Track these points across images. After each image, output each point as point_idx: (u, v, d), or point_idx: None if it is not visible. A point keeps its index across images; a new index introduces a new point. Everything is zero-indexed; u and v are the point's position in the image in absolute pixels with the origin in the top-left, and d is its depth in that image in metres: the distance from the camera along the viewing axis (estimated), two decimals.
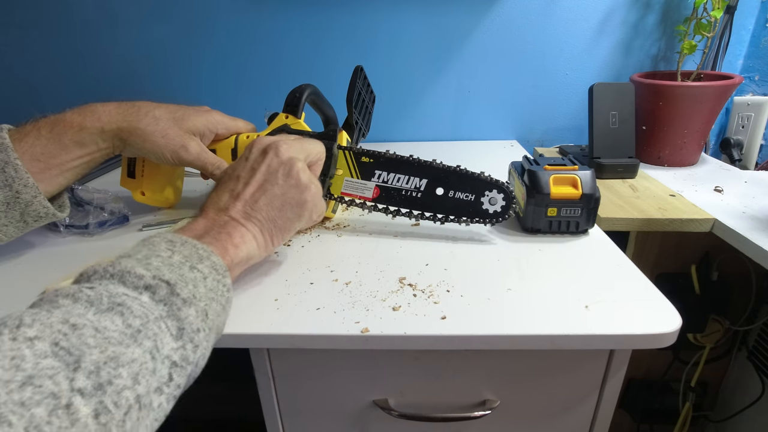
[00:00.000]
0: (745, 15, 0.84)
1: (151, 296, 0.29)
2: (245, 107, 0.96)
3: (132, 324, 0.27)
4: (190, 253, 0.33)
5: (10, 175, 0.43)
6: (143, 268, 0.29)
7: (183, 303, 0.29)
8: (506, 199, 0.50)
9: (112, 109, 0.49)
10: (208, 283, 0.32)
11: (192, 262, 0.32)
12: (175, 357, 0.28)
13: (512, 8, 0.87)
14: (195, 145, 0.51)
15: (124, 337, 0.26)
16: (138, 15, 0.90)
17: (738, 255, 0.57)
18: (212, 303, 0.32)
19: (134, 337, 0.26)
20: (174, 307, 0.29)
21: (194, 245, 0.33)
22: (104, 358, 0.24)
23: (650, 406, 0.84)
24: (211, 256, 0.34)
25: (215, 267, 0.33)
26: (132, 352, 0.25)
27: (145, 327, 0.27)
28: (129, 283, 0.29)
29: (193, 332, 0.29)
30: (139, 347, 0.26)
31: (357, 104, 0.57)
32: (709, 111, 0.76)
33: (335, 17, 0.88)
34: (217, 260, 0.34)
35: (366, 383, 0.44)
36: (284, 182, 0.41)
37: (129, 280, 0.29)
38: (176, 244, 0.33)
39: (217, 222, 0.38)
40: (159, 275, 0.29)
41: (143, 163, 0.57)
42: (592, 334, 0.37)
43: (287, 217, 0.41)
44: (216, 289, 0.33)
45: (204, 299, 0.31)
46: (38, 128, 0.46)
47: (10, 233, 0.47)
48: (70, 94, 0.97)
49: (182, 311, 0.29)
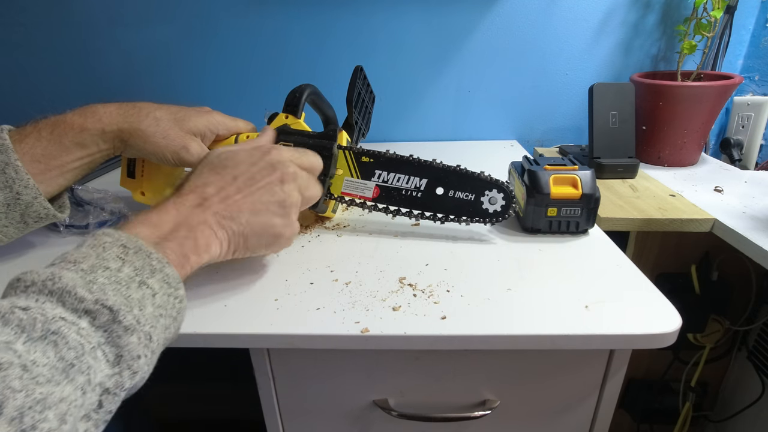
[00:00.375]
0: (745, 15, 0.84)
1: (91, 321, 0.27)
2: (247, 107, 0.96)
3: (65, 357, 0.25)
4: (142, 264, 0.31)
5: (11, 176, 0.43)
6: (86, 289, 0.27)
7: (124, 331, 0.28)
8: (506, 198, 0.50)
9: (112, 110, 0.49)
10: (157, 300, 0.30)
11: (142, 276, 0.30)
12: (108, 384, 0.27)
13: (512, 8, 0.87)
14: (196, 145, 0.51)
15: (54, 372, 0.24)
16: (140, 15, 0.90)
17: (738, 255, 0.57)
18: (159, 320, 0.30)
19: (66, 372, 0.24)
20: (114, 334, 0.27)
21: (148, 255, 0.31)
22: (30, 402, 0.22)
23: (650, 406, 0.84)
24: (165, 268, 0.32)
25: (167, 280, 0.32)
26: (61, 391, 0.24)
27: (79, 360, 0.25)
28: (68, 304, 0.27)
29: (132, 359, 0.28)
30: (70, 384, 0.24)
31: (357, 104, 0.57)
32: (709, 111, 0.76)
33: (336, 17, 0.88)
34: (171, 272, 0.32)
35: (366, 383, 0.44)
36: (275, 210, 0.40)
37: (68, 301, 0.27)
38: (129, 252, 0.31)
39: (189, 220, 0.36)
40: (102, 299, 0.27)
41: (143, 163, 0.57)
42: (592, 334, 0.37)
43: (258, 243, 0.40)
44: (165, 305, 0.31)
45: (150, 321, 0.29)
46: (39, 129, 0.46)
47: (10, 234, 0.47)
48: (72, 94, 0.97)
49: (122, 339, 0.27)
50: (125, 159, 0.57)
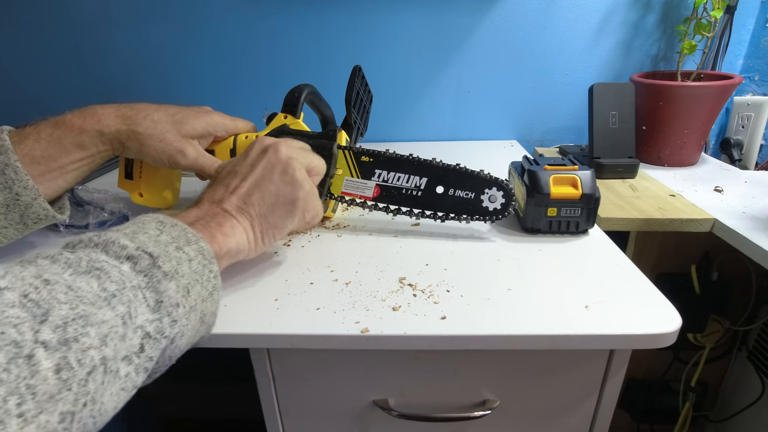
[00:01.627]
0: (745, 15, 0.84)
1: (132, 266, 0.29)
2: (244, 107, 0.96)
3: (107, 288, 0.26)
4: (178, 234, 0.33)
5: (10, 177, 0.43)
6: (128, 239, 0.29)
7: (164, 276, 0.29)
8: (506, 196, 0.50)
9: (111, 111, 0.49)
10: (193, 266, 0.32)
11: (179, 243, 0.32)
12: (149, 328, 0.28)
13: (512, 8, 0.87)
14: (192, 150, 0.51)
15: (97, 299, 0.25)
16: (136, 15, 0.90)
17: (738, 255, 0.57)
18: (196, 285, 0.32)
19: (108, 300, 0.26)
20: (154, 279, 0.29)
21: (183, 228, 0.33)
22: (73, 314, 0.24)
23: (650, 406, 0.84)
24: (200, 242, 0.33)
25: (202, 252, 0.33)
26: (103, 314, 0.25)
27: (121, 293, 0.27)
28: (111, 252, 0.29)
29: (171, 306, 0.29)
30: (111, 310, 0.26)
31: (355, 104, 0.57)
32: (709, 111, 0.76)
33: (334, 17, 0.88)
34: (205, 246, 0.34)
35: (366, 383, 0.44)
36: (279, 179, 0.42)
37: (112, 249, 0.29)
38: (166, 225, 0.33)
39: (209, 212, 0.39)
40: (143, 247, 0.29)
41: (141, 165, 0.57)
42: (592, 334, 0.37)
43: (279, 215, 0.41)
44: (201, 273, 0.32)
45: (187, 277, 0.31)
46: (38, 131, 0.46)
47: (10, 235, 0.46)
48: (68, 94, 0.97)
49: (162, 284, 0.29)
50: (123, 160, 0.57)
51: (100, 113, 0.49)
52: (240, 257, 0.40)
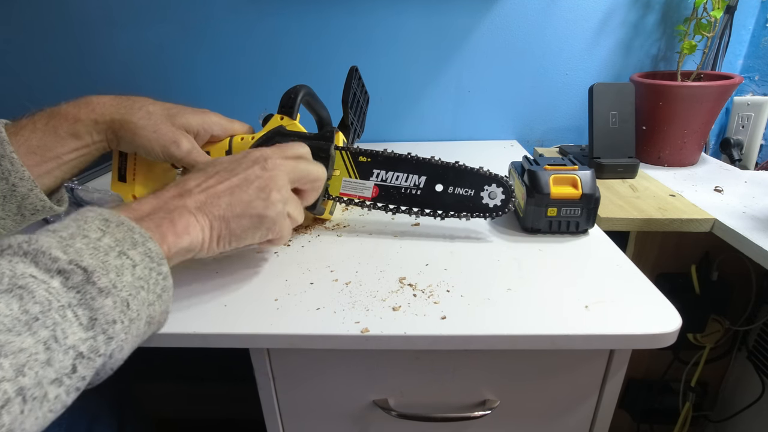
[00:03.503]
0: (745, 15, 0.84)
1: (63, 281, 0.27)
2: (243, 107, 0.96)
3: (29, 310, 0.24)
4: (123, 236, 0.30)
5: (6, 168, 0.43)
6: (61, 250, 0.27)
7: (98, 292, 0.27)
8: (505, 192, 0.50)
9: (107, 101, 0.49)
10: (138, 271, 0.30)
11: (123, 247, 0.30)
12: (82, 348, 0.26)
13: (512, 8, 0.87)
14: (186, 142, 0.50)
15: (16, 323, 0.23)
16: (135, 15, 0.90)
17: (738, 255, 0.57)
18: (140, 292, 0.30)
19: (28, 324, 0.24)
20: (87, 296, 0.27)
21: (130, 228, 0.31)
22: None
23: (650, 406, 0.84)
24: (147, 242, 0.31)
25: (149, 254, 0.31)
26: (21, 341, 0.23)
27: (44, 315, 0.25)
28: (41, 264, 0.26)
29: (107, 323, 0.27)
30: (31, 336, 0.24)
31: (352, 105, 0.57)
32: (709, 111, 0.76)
33: (334, 17, 0.88)
34: (153, 247, 0.32)
35: (366, 383, 0.44)
36: (254, 193, 0.40)
37: (42, 261, 0.27)
38: (110, 225, 0.31)
39: (168, 206, 0.36)
40: (77, 260, 0.27)
41: (134, 167, 0.56)
42: (592, 334, 0.37)
43: (242, 225, 0.40)
44: (147, 278, 0.31)
45: (128, 288, 0.29)
46: (34, 121, 0.46)
47: (8, 227, 0.46)
48: (67, 94, 0.96)
49: (96, 301, 0.27)
50: (116, 161, 0.56)
51: (95, 102, 0.48)
52: (190, 256, 0.38)
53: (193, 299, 0.43)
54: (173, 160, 0.51)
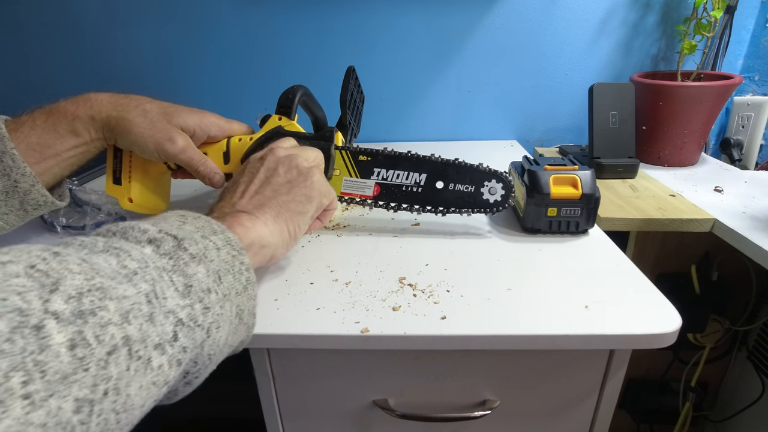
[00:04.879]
0: (745, 15, 0.84)
1: (155, 249, 0.26)
2: (247, 107, 0.96)
3: (128, 266, 0.23)
4: (203, 225, 0.31)
5: (8, 164, 0.44)
6: (149, 224, 0.27)
7: (191, 258, 0.26)
8: (505, 188, 0.51)
9: (104, 98, 0.49)
10: (222, 254, 0.29)
11: (204, 232, 0.30)
12: (181, 314, 0.24)
13: (512, 8, 0.87)
14: (181, 140, 0.50)
15: (116, 274, 0.22)
16: (139, 15, 0.90)
17: (738, 255, 0.57)
18: (227, 274, 0.29)
19: (128, 277, 0.23)
20: (180, 261, 0.26)
21: (208, 220, 0.32)
22: (89, 285, 0.21)
23: (650, 406, 0.84)
24: (226, 232, 0.31)
25: (230, 242, 0.31)
26: (124, 289, 0.22)
27: (143, 271, 0.24)
28: (131, 237, 0.26)
29: (202, 291, 0.26)
30: (133, 287, 0.23)
31: (349, 105, 0.57)
32: (709, 111, 0.76)
33: (336, 17, 0.88)
34: (232, 236, 0.31)
35: (366, 383, 0.44)
36: (286, 172, 0.42)
37: (131, 234, 0.26)
38: (188, 218, 0.31)
39: (222, 215, 0.38)
40: (166, 230, 0.27)
41: (130, 169, 0.56)
42: (592, 334, 0.37)
43: (298, 200, 0.41)
44: (232, 263, 0.30)
45: (217, 263, 0.28)
46: (34, 118, 0.47)
47: (11, 221, 0.47)
48: (71, 94, 0.97)
49: (190, 267, 0.26)
50: (110, 164, 0.56)
51: (93, 100, 0.49)
52: (268, 254, 0.38)
53: None
54: (167, 157, 0.50)
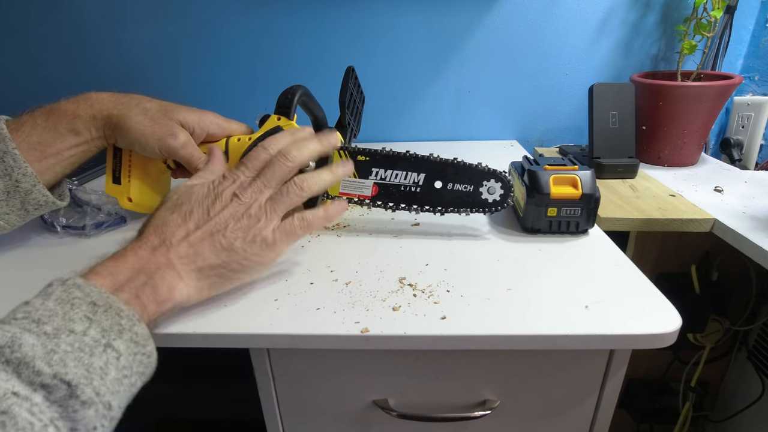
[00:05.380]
0: (745, 15, 0.84)
1: (47, 396, 0.27)
2: (247, 107, 0.96)
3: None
4: (110, 324, 0.30)
5: (9, 164, 0.44)
6: (44, 361, 0.27)
7: (81, 405, 0.27)
8: (504, 187, 0.50)
9: (105, 97, 0.49)
10: (122, 362, 0.30)
11: (109, 338, 0.30)
12: None
13: (512, 8, 0.87)
14: (183, 135, 0.50)
15: None
16: (140, 15, 0.90)
17: (738, 255, 0.57)
18: (123, 381, 0.30)
19: None
20: (70, 410, 0.27)
21: (118, 312, 0.31)
22: None
23: (650, 406, 0.84)
24: (135, 327, 0.31)
25: (135, 339, 0.31)
26: None
27: None
28: (24, 377, 0.26)
29: (86, 431, 0.28)
30: None
31: (349, 105, 0.57)
32: (709, 111, 0.76)
33: (336, 17, 0.88)
34: (140, 330, 0.32)
35: (366, 383, 0.44)
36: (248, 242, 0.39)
37: (25, 373, 0.26)
38: (98, 311, 0.30)
39: (147, 267, 0.35)
40: (60, 373, 0.27)
41: (129, 168, 0.56)
42: (592, 334, 0.37)
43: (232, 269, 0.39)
44: (131, 365, 0.31)
45: (111, 387, 0.29)
46: (34, 117, 0.47)
47: (12, 221, 0.47)
48: (70, 94, 0.96)
49: (78, 413, 0.27)
50: (110, 164, 0.56)
51: (94, 98, 0.49)
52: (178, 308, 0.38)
53: None
54: (169, 152, 0.50)
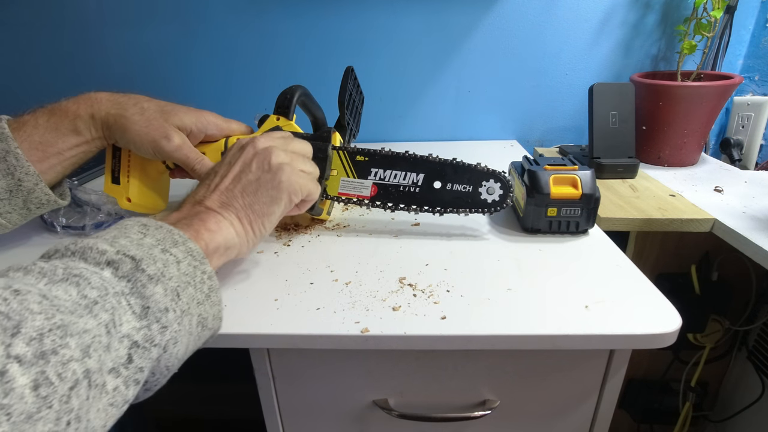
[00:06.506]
0: (745, 15, 0.84)
1: (114, 272, 0.27)
2: (241, 107, 0.96)
3: (88, 295, 0.24)
4: (163, 236, 0.31)
5: (12, 163, 0.44)
6: (108, 244, 0.28)
7: (149, 280, 0.27)
8: (503, 188, 0.50)
9: (104, 97, 0.50)
10: (182, 267, 0.31)
11: (164, 245, 0.31)
12: (136, 337, 0.26)
13: (512, 8, 0.87)
14: (177, 138, 0.50)
15: (77, 307, 0.24)
16: (131, 16, 0.90)
17: (738, 255, 0.57)
18: (187, 287, 0.30)
19: (89, 308, 0.24)
20: (138, 283, 0.27)
21: (169, 230, 0.32)
22: (50, 324, 0.22)
23: (650, 406, 0.84)
24: (187, 242, 0.32)
25: (191, 252, 0.32)
26: (84, 323, 0.23)
27: (103, 299, 0.25)
28: (90, 258, 0.27)
29: (159, 312, 0.27)
30: (93, 319, 0.24)
31: (348, 105, 0.57)
32: (709, 111, 0.76)
33: (333, 17, 0.88)
34: (194, 246, 0.32)
35: (366, 383, 0.44)
36: (257, 168, 0.41)
37: (90, 255, 0.27)
38: (150, 228, 0.32)
39: (191, 212, 0.38)
40: (124, 251, 0.28)
41: (128, 168, 0.56)
42: (592, 334, 0.37)
43: (263, 201, 0.41)
44: (193, 275, 0.31)
45: (176, 280, 0.29)
46: (36, 117, 0.47)
47: (14, 220, 0.47)
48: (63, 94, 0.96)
49: (147, 288, 0.27)
50: (109, 164, 0.56)
51: (94, 98, 0.49)
52: (233, 254, 0.39)
53: None
54: (163, 155, 0.50)
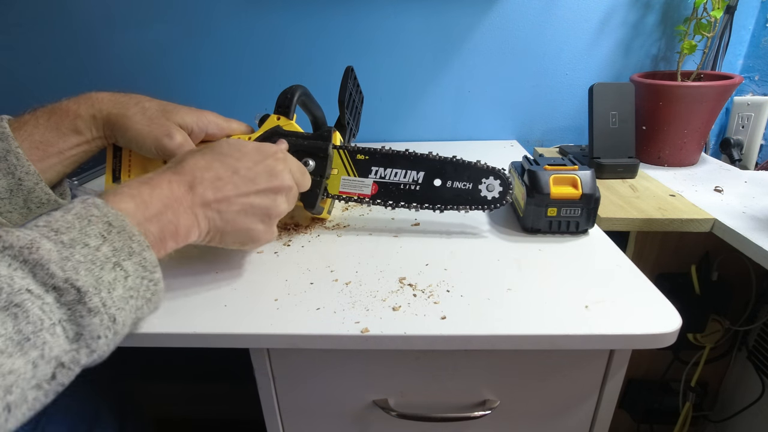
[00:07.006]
0: (745, 15, 0.84)
1: (57, 298, 0.28)
2: (244, 107, 0.96)
3: (23, 330, 0.25)
4: (122, 245, 0.32)
5: (12, 163, 0.44)
6: (59, 266, 0.28)
7: (88, 312, 0.29)
8: (503, 185, 0.51)
9: (105, 97, 0.50)
10: (129, 282, 0.32)
11: (119, 257, 0.31)
12: (64, 358, 0.27)
13: (512, 8, 0.87)
14: (179, 136, 0.50)
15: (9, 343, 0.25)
16: (135, 15, 0.90)
17: (738, 255, 0.57)
18: (129, 301, 0.31)
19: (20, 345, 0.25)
20: (77, 314, 0.28)
21: (130, 236, 0.32)
22: None
23: (650, 406, 0.84)
24: (144, 252, 0.33)
25: (143, 264, 0.33)
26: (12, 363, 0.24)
27: (36, 335, 0.26)
28: (39, 277, 0.28)
29: (91, 339, 0.29)
30: (22, 357, 0.25)
31: (348, 105, 0.57)
32: (709, 111, 0.76)
33: (334, 16, 0.88)
34: (149, 256, 0.33)
35: (366, 383, 0.44)
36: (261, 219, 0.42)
37: (40, 274, 0.28)
38: (112, 231, 0.31)
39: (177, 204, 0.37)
40: (72, 279, 0.28)
41: (129, 167, 0.56)
42: (592, 334, 0.37)
43: (234, 241, 0.42)
44: (138, 287, 0.32)
45: (118, 303, 0.30)
46: (36, 117, 0.47)
47: (14, 220, 0.47)
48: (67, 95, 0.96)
49: (85, 319, 0.28)
50: (110, 163, 0.55)
51: (95, 98, 0.49)
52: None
53: (193, 299, 0.43)
54: (165, 153, 0.50)
